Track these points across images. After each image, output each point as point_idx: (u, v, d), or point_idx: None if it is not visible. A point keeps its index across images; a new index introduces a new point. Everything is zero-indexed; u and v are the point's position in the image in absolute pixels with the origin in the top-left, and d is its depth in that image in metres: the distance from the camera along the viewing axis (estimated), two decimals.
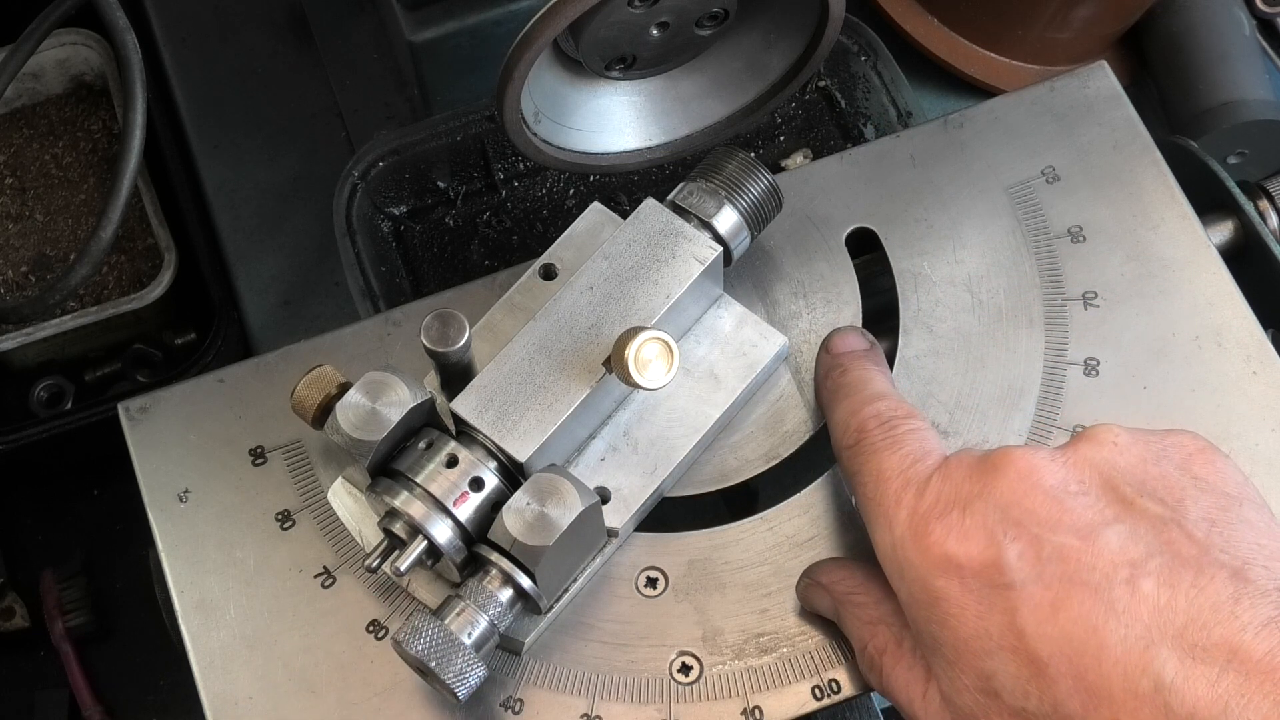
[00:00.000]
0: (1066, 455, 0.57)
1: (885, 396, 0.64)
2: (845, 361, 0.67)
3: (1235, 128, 0.91)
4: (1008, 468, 0.57)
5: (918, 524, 0.57)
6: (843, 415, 0.64)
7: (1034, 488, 0.56)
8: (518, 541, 0.60)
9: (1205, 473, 0.57)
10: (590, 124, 0.69)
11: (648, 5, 0.61)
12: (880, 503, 0.60)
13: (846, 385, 0.66)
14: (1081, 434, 0.59)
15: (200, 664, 0.65)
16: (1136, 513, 0.55)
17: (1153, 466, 0.57)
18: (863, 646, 0.61)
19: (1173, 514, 0.55)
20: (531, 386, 0.64)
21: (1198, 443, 0.58)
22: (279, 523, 0.68)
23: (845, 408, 0.64)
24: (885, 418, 0.62)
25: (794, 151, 0.88)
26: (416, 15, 0.84)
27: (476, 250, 0.86)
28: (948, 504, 0.57)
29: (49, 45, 1.01)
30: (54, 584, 0.96)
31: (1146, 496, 0.55)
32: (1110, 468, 0.57)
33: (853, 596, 0.62)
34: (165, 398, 0.71)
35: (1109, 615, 0.53)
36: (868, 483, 0.61)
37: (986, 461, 0.58)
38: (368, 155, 0.85)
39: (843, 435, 0.64)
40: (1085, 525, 0.55)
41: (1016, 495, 0.56)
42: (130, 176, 0.74)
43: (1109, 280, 0.71)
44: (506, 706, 0.64)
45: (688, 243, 0.67)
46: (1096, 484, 0.56)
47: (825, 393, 0.67)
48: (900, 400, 0.64)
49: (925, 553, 0.56)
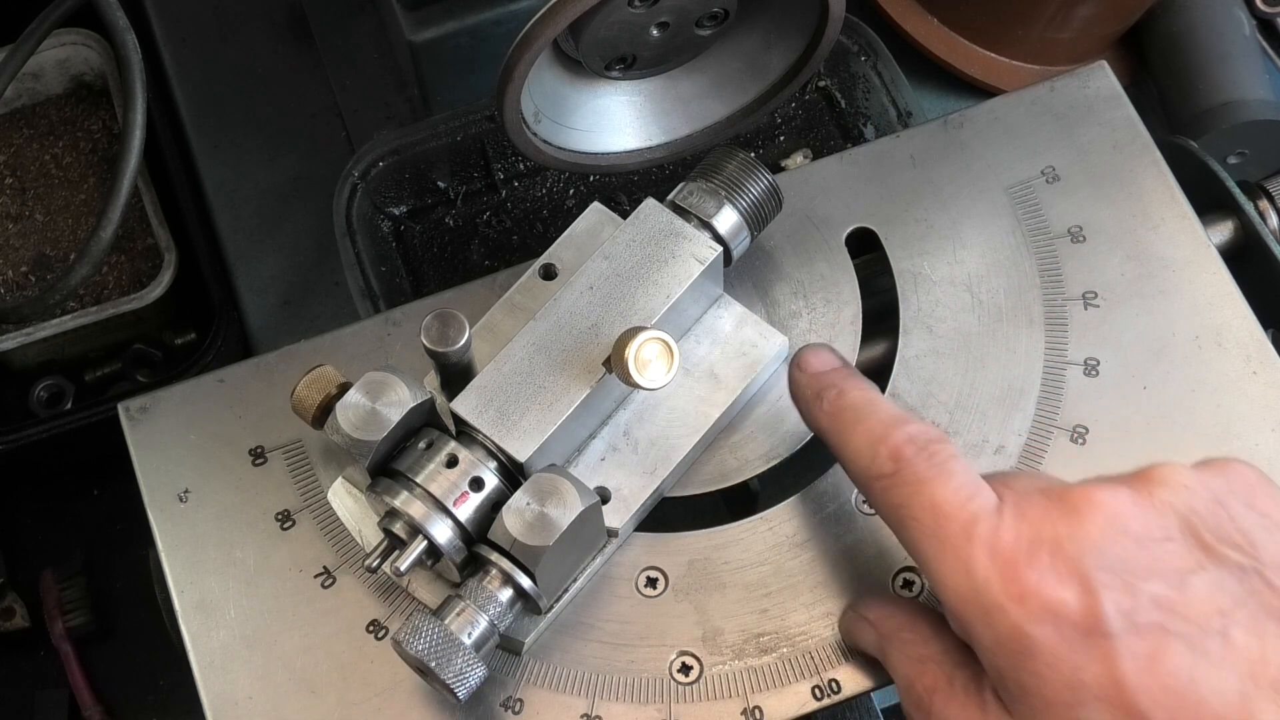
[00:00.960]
0: (1144, 498, 0.56)
1: (908, 418, 0.60)
2: (837, 381, 0.63)
3: (1235, 128, 0.91)
4: (1093, 511, 0.55)
5: (1004, 567, 0.54)
6: (865, 442, 0.60)
7: (1123, 533, 0.54)
8: (518, 541, 0.60)
9: (1268, 507, 0.56)
10: (590, 124, 0.69)
11: (648, 5, 0.61)
12: (945, 540, 0.56)
13: (853, 408, 0.62)
14: (1147, 475, 0.57)
15: (200, 664, 0.65)
16: (1219, 560, 0.54)
17: (1223, 509, 0.56)
18: (909, 684, 0.59)
19: (1253, 561, 0.54)
20: (531, 386, 0.64)
21: (1255, 474, 0.57)
22: (279, 523, 0.68)
23: (865, 433, 0.60)
24: (921, 442, 0.58)
25: (794, 151, 0.88)
26: (416, 15, 0.84)
27: (476, 250, 0.86)
28: (1033, 545, 0.54)
29: (49, 45, 1.01)
30: (54, 584, 0.96)
31: (1225, 543, 0.55)
32: (1189, 512, 0.55)
33: (900, 634, 0.61)
34: (165, 398, 0.71)
35: (1206, 666, 0.52)
36: (922, 517, 0.57)
37: (1066, 501, 0.55)
38: (368, 155, 0.85)
39: (871, 464, 0.59)
40: (1174, 573, 0.54)
41: (1106, 540, 0.54)
42: (130, 176, 0.74)
43: (1109, 280, 0.71)
44: (506, 706, 0.64)
45: (688, 243, 0.67)
46: (1178, 530, 0.55)
47: (825, 418, 0.63)
48: (924, 421, 0.61)
49: (1020, 599, 0.54)
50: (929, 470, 0.58)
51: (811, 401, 0.64)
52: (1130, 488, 0.56)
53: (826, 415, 0.63)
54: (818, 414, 0.63)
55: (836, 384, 0.63)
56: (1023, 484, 0.58)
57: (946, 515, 0.56)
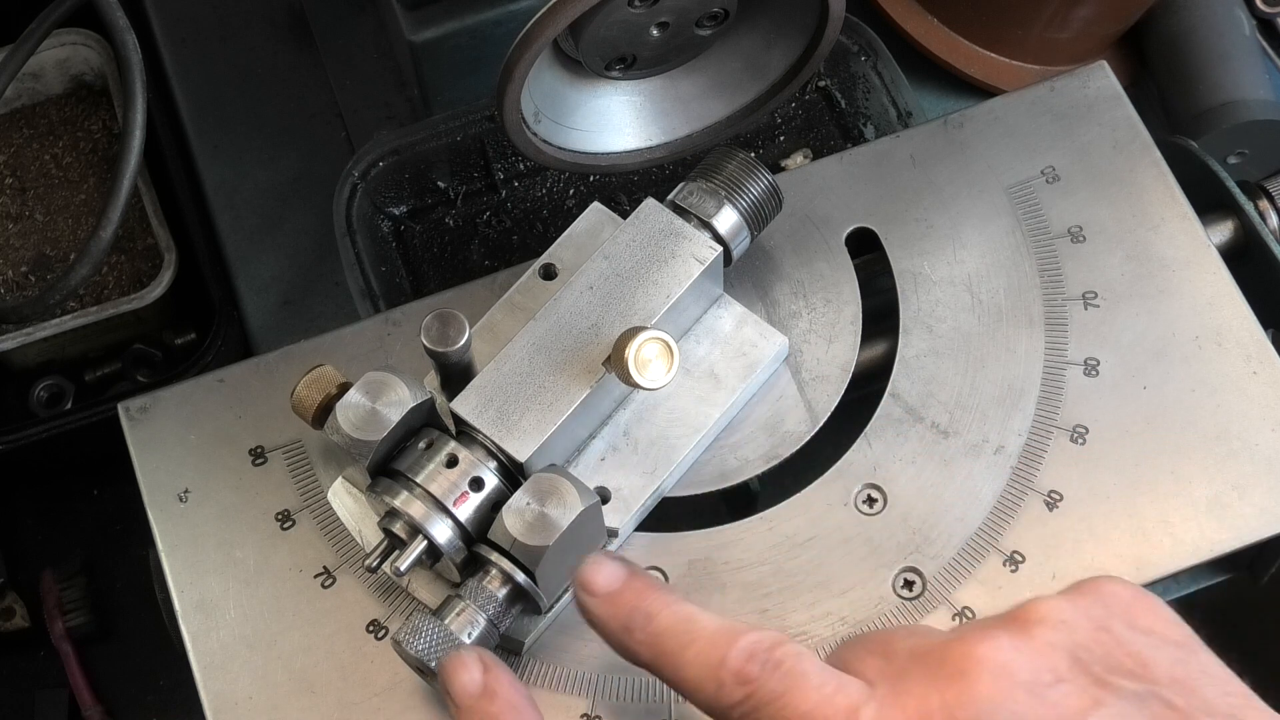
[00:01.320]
0: (1026, 641, 0.53)
1: (735, 629, 0.54)
2: (638, 603, 0.57)
3: (1235, 128, 0.91)
4: (977, 669, 0.51)
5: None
6: (701, 671, 0.54)
7: (1013, 685, 0.51)
8: (518, 541, 0.60)
9: (1150, 623, 0.54)
10: (590, 124, 0.69)
11: (648, 5, 0.61)
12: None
13: (671, 632, 0.56)
14: (1023, 615, 0.54)
15: (200, 664, 0.65)
16: (1115, 691, 0.52)
17: (1106, 635, 0.53)
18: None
19: (1148, 685, 0.52)
20: (531, 386, 0.64)
21: (1129, 590, 0.55)
22: (279, 523, 0.68)
23: (697, 659, 0.54)
24: (763, 654, 0.53)
25: (794, 151, 0.88)
26: (416, 15, 0.84)
27: (476, 250, 0.86)
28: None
29: (49, 45, 1.01)
30: (54, 584, 0.96)
31: (1116, 672, 0.52)
32: (1074, 647, 0.53)
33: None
34: (165, 398, 0.71)
35: None
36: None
37: (946, 664, 0.52)
38: (368, 155, 0.85)
39: (718, 694, 0.54)
40: (1073, 716, 0.51)
41: (998, 698, 0.51)
42: (130, 176, 0.74)
43: (1109, 280, 0.71)
44: None
45: (688, 243, 0.67)
46: (1067, 669, 0.52)
47: (644, 649, 0.57)
48: (753, 627, 0.55)
49: None
50: (783, 683, 0.53)
51: (620, 635, 0.58)
52: (1009, 632, 0.53)
53: (644, 646, 0.57)
54: (634, 646, 0.57)
55: (640, 606, 0.57)
56: (892, 650, 0.55)
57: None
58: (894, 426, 0.69)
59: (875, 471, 0.68)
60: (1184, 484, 0.67)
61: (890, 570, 0.66)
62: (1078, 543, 0.66)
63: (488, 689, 0.58)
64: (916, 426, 0.69)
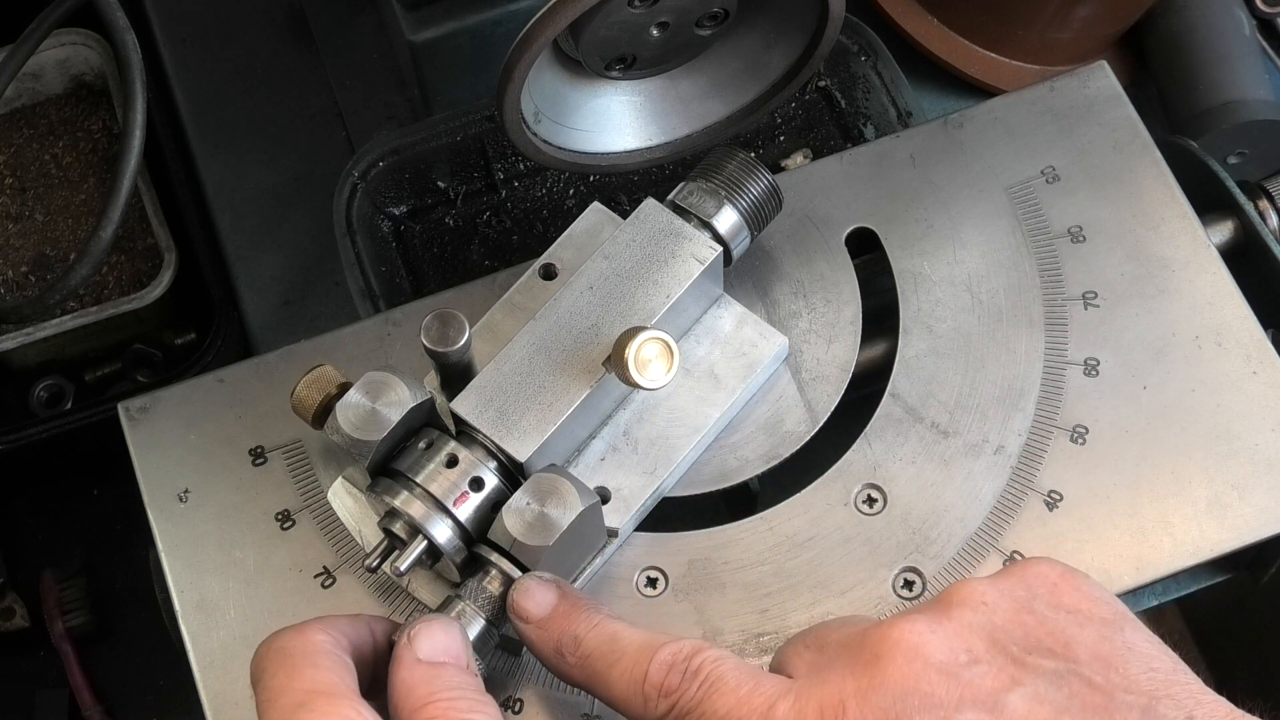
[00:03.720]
0: (943, 623, 0.54)
1: (655, 641, 0.56)
2: (567, 627, 0.59)
3: (1235, 128, 0.91)
4: (892, 651, 0.53)
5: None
6: (628, 687, 0.56)
7: (926, 667, 0.52)
8: (518, 541, 0.60)
9: (1076, 602, 0.55)
10: (590, 124, 0.69)
11: (648, 5, 0.61)
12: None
13: (599, 653, 0.58)
14: (945, 597, 0.55)
15: (200, 664, 0.65)
16: (1032, 671, 0.53)
17: (1029, 615, 0.54)
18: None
19: (1068, 664, 0.53)
20: (531, 386, 0.64)
21: (1057, 570, 0.56)
22: (279, 523, 0.68)
23: (623, 677, 0.56)
24: (681, 664, 0.55)
25: (794, 151, 0.88)
26: (416, 15, 0.84)
27: (476, 250, 0.86)
28: (838, 709, 0.52)
29: (49, 45, 1.01)
30: (54, 584, 0.96)
31: (1035, 652, 0.53)
32: (992, 629, 0.54)
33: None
34: (165, 398, 0.71)
35: None
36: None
37: (864, 649, 0.53)
38: (368, 155, 0.85)
39: (645, 709, 0.56)
40: (988, 696, 0.52)
41: (910, 679, 0.52)
42: (130, 176, 0.74)
43: (1109, 280, 0.71)
44: (506, 706, 0.64)
45: (688, 243, 0.67)
46: (984, 649, 0.53)
47: (577, 672, 0.59)
48: (665, 635, 0.57)
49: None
50: (701, 689, 0.54)
51: (554, 659, 0.59)
52: (928, 615, 0.54)
53: (576, 669, 0.59)
54: (568, 669, 0.59)
55: (568, 630, 0.59)
56: (824, 642, 0.55)
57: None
58: (894, 426, 0.69)
59: (875, 471, 0.68)
60: (1184, 484, 0.67)
61: (890, 570, 0.66)
62: (1078, 543, 0.66)
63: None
64: (916, 426, 0.69)
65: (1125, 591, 0.65)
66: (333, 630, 0.58)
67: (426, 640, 0.57)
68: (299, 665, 0.55)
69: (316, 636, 0.57)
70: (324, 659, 0.56)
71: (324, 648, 0.56)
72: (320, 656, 0.56)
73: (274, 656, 0.56)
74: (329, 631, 0.57)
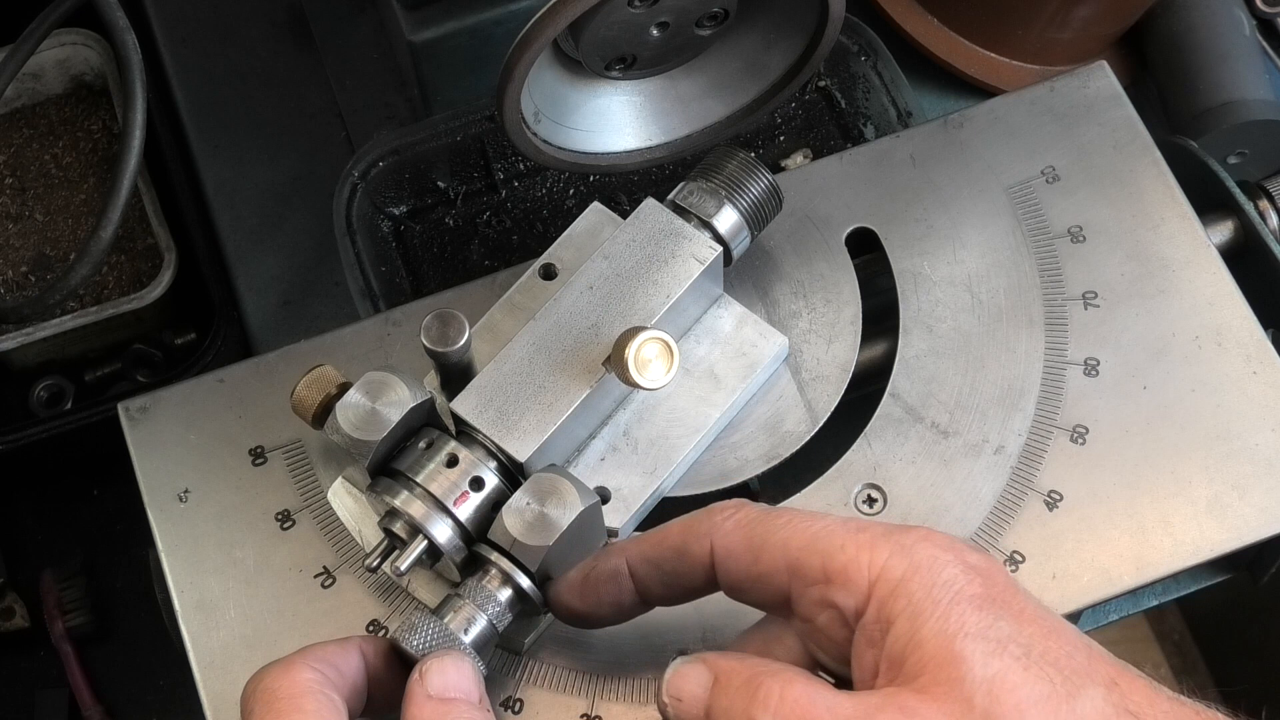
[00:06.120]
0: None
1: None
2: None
3: (1235, 128, 0.91)
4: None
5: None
6: None
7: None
8: (518, 541, 0.60)
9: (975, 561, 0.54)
10: (590, 124, 0.69)
11: (648, 5, 0.61)
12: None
13: None
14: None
15: (200, 664, 0.65)
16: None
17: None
18: None
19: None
20: (531, 386, 0.64)
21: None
22: (279, 523, 0.68)
23: None
24: None
25: (794, 151, 0.88)
26: (416, 15, 0.84)
27: (476, 250, 0.86)
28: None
29: (49, 45, 1.01)
30: (54, 584, 0.96)
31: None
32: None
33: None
34: (165, 398, 0.71)
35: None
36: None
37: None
38: (368, 155, 0.85)
39: None
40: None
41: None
42: (130, 176, 0.74)
43: (1109, 280, 0.71)
44: (506, 706, 0.64)
45: (688, 242, 0.67)
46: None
47: None
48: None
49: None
50: None
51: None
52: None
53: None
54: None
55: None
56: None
57: None
58: (894, 426, 0.69)
59: (875, 471, 0.68)
60: (1184, 484, 0.67)
61: None
62: (1078, 543, 0.66)
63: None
64: (916, 426, 0.69)
65: (1125, 591, 0.65)
66: (320, 664, 0.57)
67: (438, 676, 0.57)
68: (284, 711, 0.55)
69: (303, 675, 0.56)
70: (310, 701, 0.55)
71: (310, 688, 0.56)
72: (306, 699, 0.55)
73: (261, 699, 0.56)
74: (316, 667, 0.57)
